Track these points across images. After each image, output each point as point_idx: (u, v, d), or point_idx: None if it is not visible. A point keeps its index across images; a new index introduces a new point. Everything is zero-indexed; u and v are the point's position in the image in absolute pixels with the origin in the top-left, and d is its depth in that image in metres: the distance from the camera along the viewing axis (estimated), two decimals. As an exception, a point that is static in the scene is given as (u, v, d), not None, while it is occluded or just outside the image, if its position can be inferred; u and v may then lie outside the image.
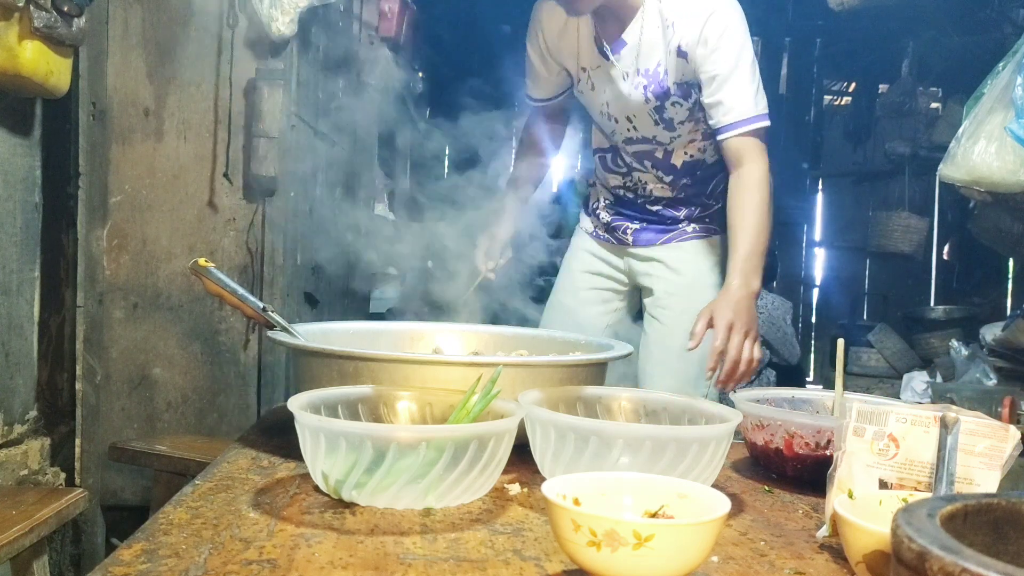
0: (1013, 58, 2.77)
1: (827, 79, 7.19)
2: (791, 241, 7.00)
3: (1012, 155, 2.72)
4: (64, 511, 1.92)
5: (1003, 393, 3.42)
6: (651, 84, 1.92)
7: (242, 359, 2.83)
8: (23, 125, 2.40)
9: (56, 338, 2.56)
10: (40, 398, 2.53)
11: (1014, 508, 0.65)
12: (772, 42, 7.01)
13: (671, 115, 1.96)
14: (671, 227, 2.12)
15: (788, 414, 1.26)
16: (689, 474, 1.04)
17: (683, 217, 2.11)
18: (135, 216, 2.77)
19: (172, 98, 2.78)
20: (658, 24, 1.87)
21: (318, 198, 3.30)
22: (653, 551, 0.73)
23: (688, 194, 2.08)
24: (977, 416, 0.94)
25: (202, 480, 1.10)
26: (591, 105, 2.06)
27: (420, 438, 0.98)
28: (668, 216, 2.12)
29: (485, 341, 1.72)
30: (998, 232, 4.00)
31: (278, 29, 2.64)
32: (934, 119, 5.91)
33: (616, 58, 1.92)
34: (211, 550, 0.85)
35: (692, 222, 2.11)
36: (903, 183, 6.05)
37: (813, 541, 0.97)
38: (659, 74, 1.91)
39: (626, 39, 1.90)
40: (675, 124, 1.97)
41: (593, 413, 1.28)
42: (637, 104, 1.95)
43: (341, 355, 1.29)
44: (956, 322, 5.37)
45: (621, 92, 1.95)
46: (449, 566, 0.83)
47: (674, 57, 1.87)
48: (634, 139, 2.03)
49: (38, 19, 2.04)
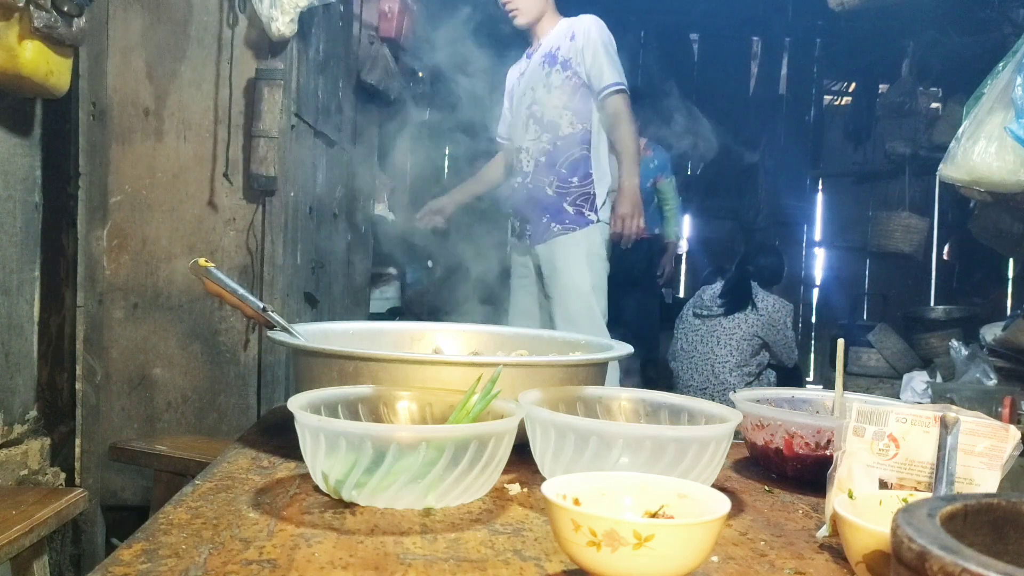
0: (1013, 58, 2.77)
1: (827, 79, 7.18)
2: (791, 241, 7.00)
3: (1012, 155, 2.72)
4: (64, 511, 1.92)
5: (1003, 393, 3.42)
6: (546, 59, 3.10)
7: (242, 359, 2.83)
8: (23, 125, 2.40)
9: (56, 338, 2.56)
10: (40, 398, 2.53)
11: (1014, 508, 0.65)
12: (772, 42, 7.02)
13: (552, 80, 3.08)
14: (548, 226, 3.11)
15: (788, 414, 1.26)
16: (689, 474, 1.04)
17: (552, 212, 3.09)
18: (135, 216, 2.77)
19: (172, 98, 2.77)
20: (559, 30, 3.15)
21: (318, 198, 3.30)
22: (653, 551, 0.73)
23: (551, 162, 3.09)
24: (977, 416, 0.94)
25: (202, 480, 1.10)
26: (517, 94, 3.23)
27: (420, 438, 0.98)
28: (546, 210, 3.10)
29: (485, 341, 1.72)
30: (998, 232, 4.00)
31: (278, 29, 2.63)
32: (934, 119, 5.90)
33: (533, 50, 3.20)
34: (211, 550, 0.85)
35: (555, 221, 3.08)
36: (903, 183, 6.05)
37: (813, 541, 0.97)
38: (552, 52, 3.11)
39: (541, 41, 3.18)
40: (552, 88, 3.07)
41: (593, 413, 1.28)
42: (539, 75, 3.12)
43: (341, 355, 1.29)
44: (956, 322, 5.37)
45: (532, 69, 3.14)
46: (449, 566, 0.83)
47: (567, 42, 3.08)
48: (533, 103, 3.10)
49: (38, 19, 2.04)
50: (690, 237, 6.99)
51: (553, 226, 3.08)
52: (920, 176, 6.03)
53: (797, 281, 6.87)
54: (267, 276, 2.80)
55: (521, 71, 3.25)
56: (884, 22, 5.34)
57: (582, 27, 3.07)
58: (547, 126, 3.07)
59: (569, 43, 3.07)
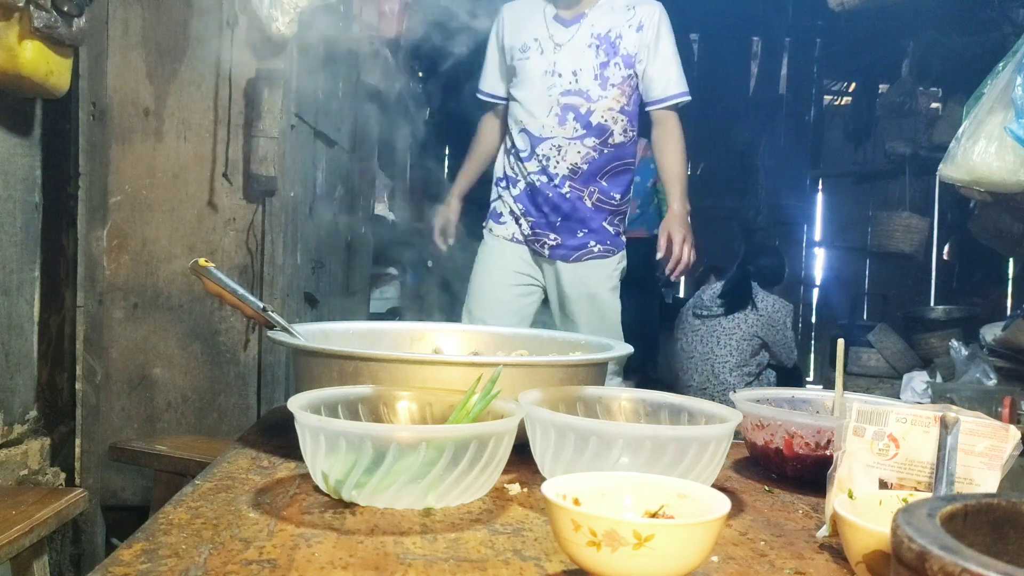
0: (1013, 58, 2.77)
1: (827, 79, 7.19)
2: (791, 241, 7.01)
3: (1012, 155, 2.72)
4: (64, 511, 1.92)
5: (1003, 393, 3.42)
6: (602, 44, 2.56)
7: (242, 359, 2.83)
8: (23, 125, 2.40)
9: (56, 338, 2.56)
10: (40, 398, 2.53)
11: (1014, 508, 0.65)
12: (772, 42, 7.02)
13: (609, 74, 2.56)
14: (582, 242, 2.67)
15: (788, 414, 1.26)
16: (689, 474, 1.04)
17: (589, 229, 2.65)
18: (135, 216, 2.77)
19: (172, 98, 2.77)
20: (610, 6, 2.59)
21: (318, 198, 3.30)
22: (653, 551, 0.73)
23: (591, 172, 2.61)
24: (977, 416, 0.94)
25: (202, 480, 1.10)
26: (535, 68, 2.60)
27: (420, 438, 0.98)
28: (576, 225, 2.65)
29: (485, 341, 1.72)
30: (998, 232, 4.00)
31: (278, 29, 2.63)
32: (934, 119, 5.90)
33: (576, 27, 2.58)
34: (211, 550, 0.85)
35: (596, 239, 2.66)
36: (903, 183, 6.05)
37: (813, 541, 0.97)
38: (611, 39, 2.56)
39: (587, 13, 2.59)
40: (608, 85, 2.56)
41: (593, 413, 1.28)
42: (586, 58, 2.57)
43: (341, 355, 1.29)
44: (956, 322, 5.37)
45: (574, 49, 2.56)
46: (449, 566, 0.83)
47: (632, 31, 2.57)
48: (571, 91, 2.57)
49: (38, 19, 2.04)
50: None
51: (592, 245, 2.64)
52: (920, 176, 6.03)
53: (797, 281, 6.87)
54: (267, 276, 2.80)
55: (548, 33, 2.59)
56: (884, 22, 5.34)
57: (651, 18, 2.57)
58: (595, 129, 2.56)
59: (636, 35, 2.55)
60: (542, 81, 2.58)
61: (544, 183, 2.61)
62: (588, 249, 2.65)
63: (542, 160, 2.61)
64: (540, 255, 2.70)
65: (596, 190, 2.61)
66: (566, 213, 2.62)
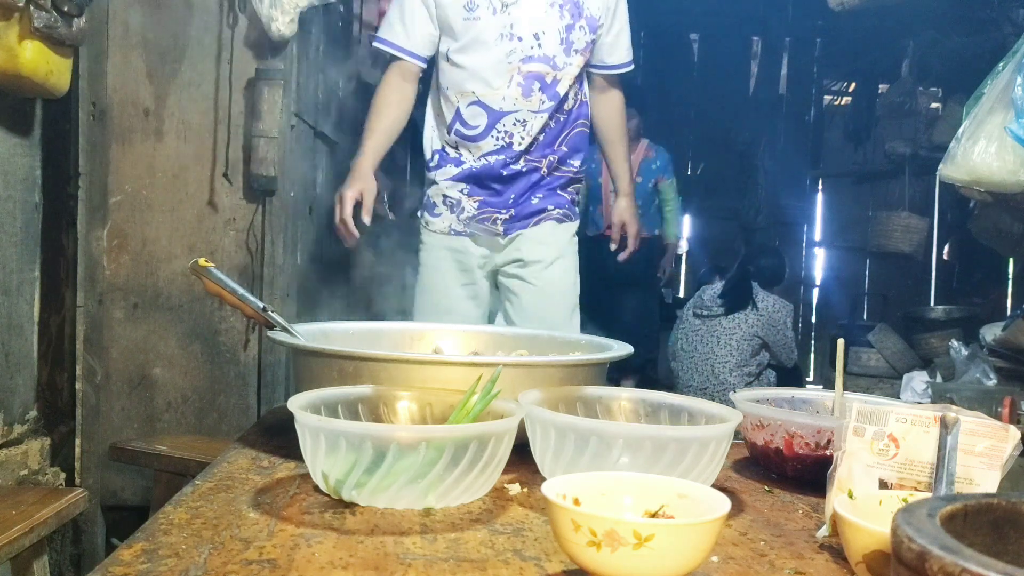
0: (1013, 58, 2.77)
1: (827, 79, 7.19)
2: (791, 241, 7.00)
3: (1012, 155, 2.72)
4: (64, 511, 1.92)
5: (1003, 393, 3.42)
6: (566, 4, 2.27)
7: (242, 359, 2.83)
8: (23, 125, 2.40)
9: (56, 338, 2.56)
10: (40, 398, 2.53)
11: (1014, 508, 0.65)
12: (772, 42, 7.02)
13: (574, 38, 2.30)
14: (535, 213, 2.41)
15: (788, 414, 1.26)
16: (689, 474, 1.04)
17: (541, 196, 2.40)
18: (135, 216, 2.77)
19: (172, 98, 2.78)
20: None
21: (318, 198, 3.30)
22: (653, 551, 0.73)
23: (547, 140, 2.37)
24: (977, 416, 0.94)
25: (202, 480, 1.10)
26: (487, 30, 2.24)
27: (420, 438, 0.98)
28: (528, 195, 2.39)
29: (485, 341, 1.72)
30: (998, 232, 4.00)
31: (278, 29, 2.64)
32: (934, 119, 5.90)
33: None
34: (211, 550, 0.85)
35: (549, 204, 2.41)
36: (903, 183, 6.05)
37: (813, 541, 0.97)
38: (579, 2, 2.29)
39: None
40: (572, 51, 2.30)
41: (593, 413, 1.28)
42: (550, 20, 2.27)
43: (341, 355, 1.29)
44: (956, 322, 5.37)
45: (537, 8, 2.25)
46: (449, 566, 0.83)
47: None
48: (533, 57, 2.26)
49: (38, 19, 2.04)
50: (690, 237, 7.00)
51: (551, 209, 2.39)
52: (920, 176, 6.03)
53: (797, 281, 6.87)
54: (267, 276, 2.80)
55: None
56: (884, 22, 5.33)
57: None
58: (554, 95, 2.29)
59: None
60: (497, 46, 2.23)
61: (499, 161, 2.31)
62: (547, 213, 2.39)
63: (503, 137, 2.29)
64: (491, 234, 2.38)
65: (556, 158, 2.37)
66: (520, 186, 2.35)
